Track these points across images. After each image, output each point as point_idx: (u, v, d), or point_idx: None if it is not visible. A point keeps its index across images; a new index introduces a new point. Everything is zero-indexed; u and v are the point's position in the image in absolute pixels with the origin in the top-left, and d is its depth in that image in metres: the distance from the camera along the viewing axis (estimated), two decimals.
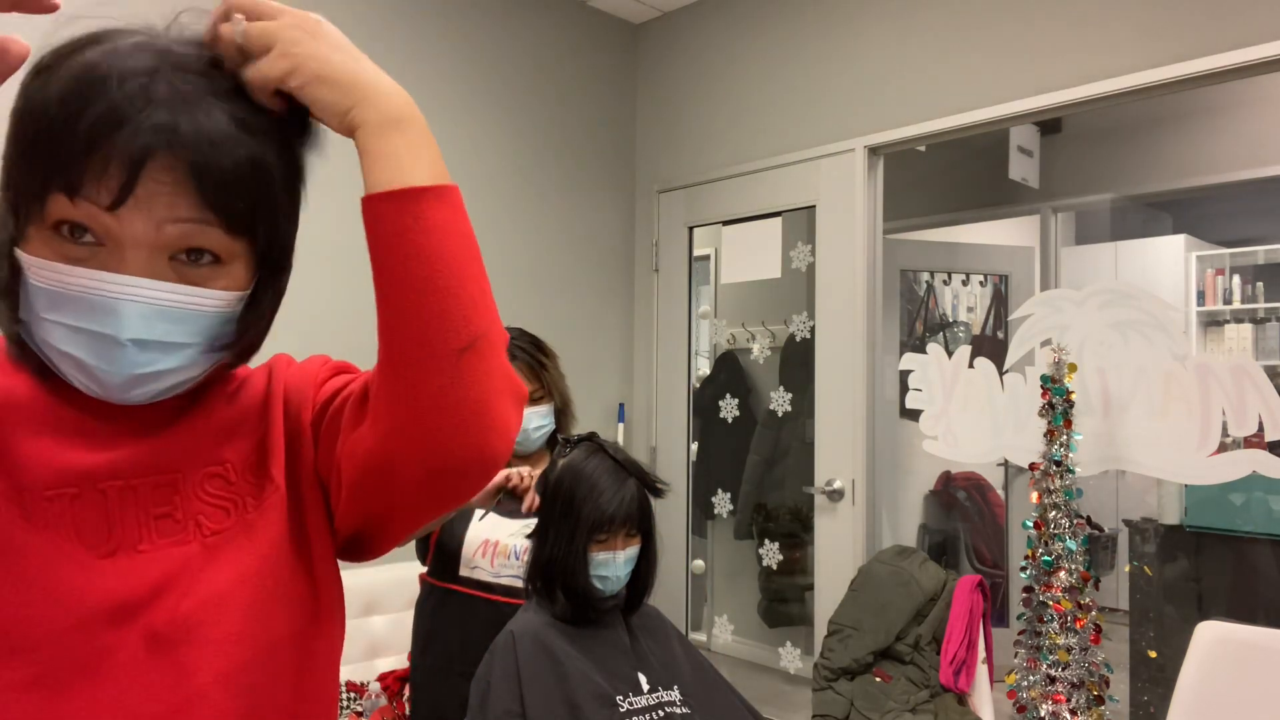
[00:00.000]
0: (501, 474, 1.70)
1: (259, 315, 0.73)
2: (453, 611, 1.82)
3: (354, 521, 0.75)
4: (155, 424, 0.72)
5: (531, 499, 1.69)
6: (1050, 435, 2.10)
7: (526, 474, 1.73)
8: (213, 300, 0.67)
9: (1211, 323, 5.51)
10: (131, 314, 0.64)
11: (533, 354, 1.91)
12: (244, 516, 0.73)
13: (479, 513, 1.86)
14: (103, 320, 0.63)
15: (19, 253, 0.64)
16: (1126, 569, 3.22)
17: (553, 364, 1.95)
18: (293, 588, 0.73)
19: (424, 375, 0.65)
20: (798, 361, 3.31)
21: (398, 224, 0.65)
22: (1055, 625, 2.03)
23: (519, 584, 1.74)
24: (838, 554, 3.06)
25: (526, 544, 1.71)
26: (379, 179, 0.66)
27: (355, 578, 1.68)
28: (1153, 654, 3.06)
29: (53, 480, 0.66)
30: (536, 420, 1.89)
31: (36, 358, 0.68)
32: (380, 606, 2.68)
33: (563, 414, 1.97)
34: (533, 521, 1.67)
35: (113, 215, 0.62)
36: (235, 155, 0.64)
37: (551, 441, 1.94)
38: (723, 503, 3.54)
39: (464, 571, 1.80)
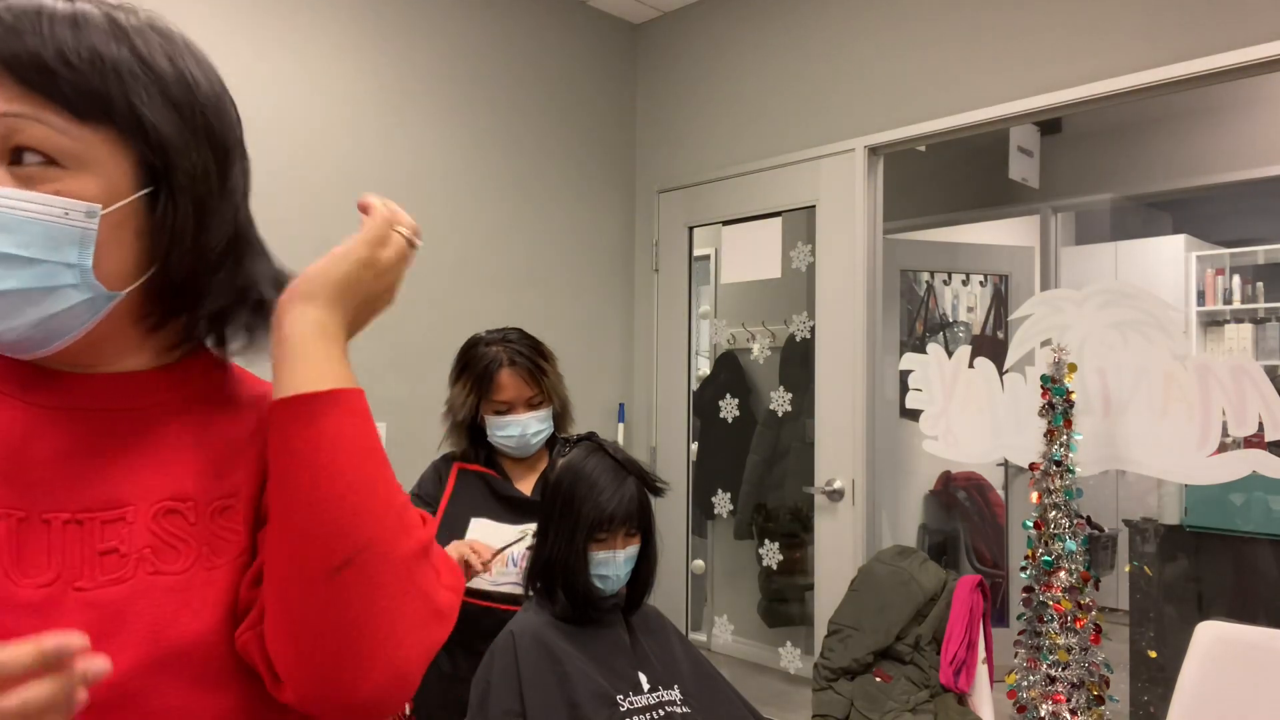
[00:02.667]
0: (459, 550, 1.69)
1: (164, 239, 0.65)
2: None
3: None
4: (116, 446, 0.66)
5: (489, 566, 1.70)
6: (1050, 435, 2.10)
7: (484, 551, 1.71)
8: (40, 206, 0.59)
9: (1211, 323, 5.51)
10: None
11: (532, 358, 1.90)
12: (198, 567, 0.66)
13: (475, 521, 1.85)
14: None
15: None
16: (1126, 569, 3.22)
17: (552, 367, 1.95)
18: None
19: (298, 594, 0.60)
20: (798, 361, 3.30)
21: (289, 430, 0.63)
22: (1055, 625, 2.03)
23: (518, 590, 1.73)
24: (838, 554, 3.06)
25: (525, 551, 1.71)
26: (286, 382, 0.64)
27: None
28: (1153, 654, 3.06)
29: (1, 499, 0.62)
30: (536, 425, 1.89)
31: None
32: None
33: (561, 416, 1.97)
34: (530, 527, 1.68)
35: None
36: (62, 36, 0.58)
37: (551, 443, 1.94)
38: (723, 503, 3.54)
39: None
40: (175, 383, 0.71)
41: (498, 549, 1.74)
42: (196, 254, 0.67)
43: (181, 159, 0.64)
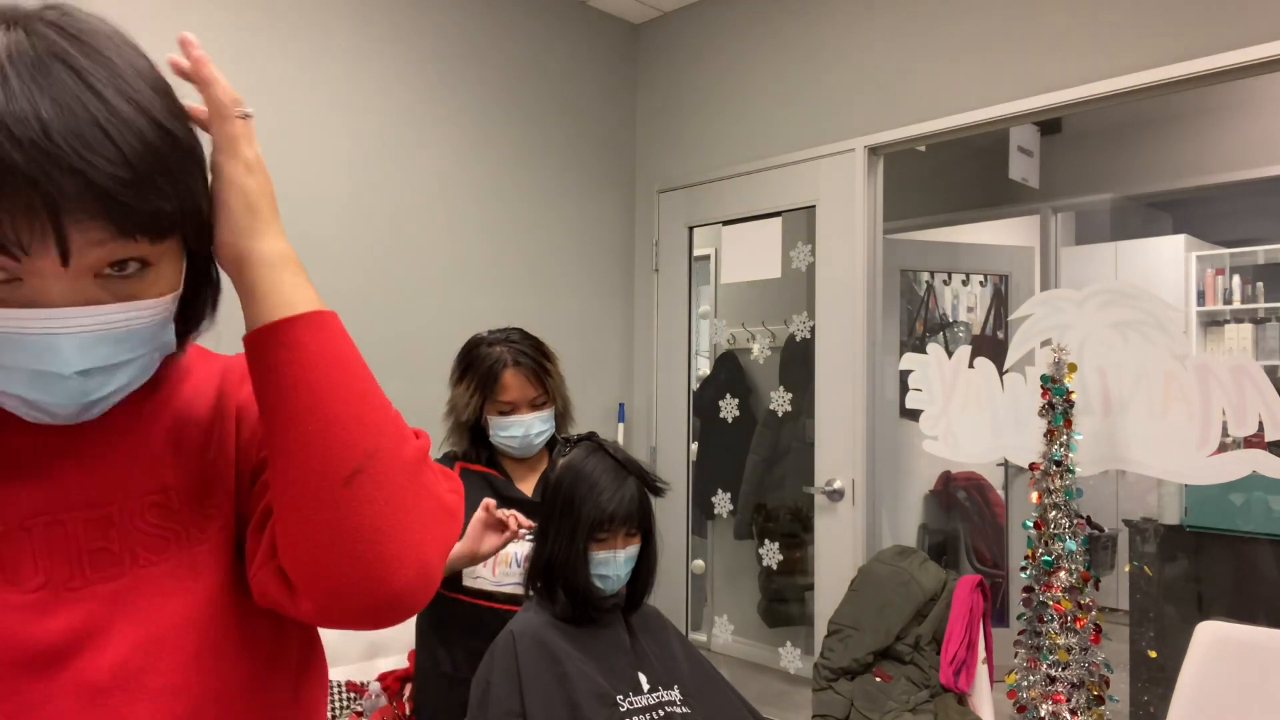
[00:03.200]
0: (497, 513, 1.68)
1: (200, 305, 0.70)
2: (456, 621, 1.81)
3: None
4: (89, 445, 0.67)
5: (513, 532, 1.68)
6: (1050, 435, 2.10)
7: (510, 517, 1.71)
8: (150, 311, 0.63)
9: (1211, 323, 5.51)
10: (69, 347, 0.59)
11: (536, 359, 1.90)
12: (187, 550, 0.68)
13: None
14: (40, 358, 0.58)
15: None
16: (1126, 569, 3.22)
17: (554, 367, 1.95)
18: (245, 630, 0.68)
19: (315, 509, 0.61)
20: (798, 361, 3.30)
21: (271, 359, 0.63)
22: (1055, 625, 2.03)
23: (520, 590, 1.73)
24: (838, 554, 3.06)
25: (526, 550, 1.70)
26: (256, 315, 0.64)
27: None
28: (1153, 654, 3.06)
29: None
30: (539, 425, 1.89)
31: None
32: None
33: (563, 417, 1.97)
34: (528, 524, 1.67)
35: (34, 247, 0.56)
36: (142, 167, 0.58)
37: (551, 443, 1.94)
38: (723, 503, 3.54)
39: (466, 581, 1.80)
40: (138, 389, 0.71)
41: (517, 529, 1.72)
42: (208, 282, 0.72)
43: (202, 214, 0.67)
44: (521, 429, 1.88)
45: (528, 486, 1.93)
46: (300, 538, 0.62)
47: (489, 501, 1.68)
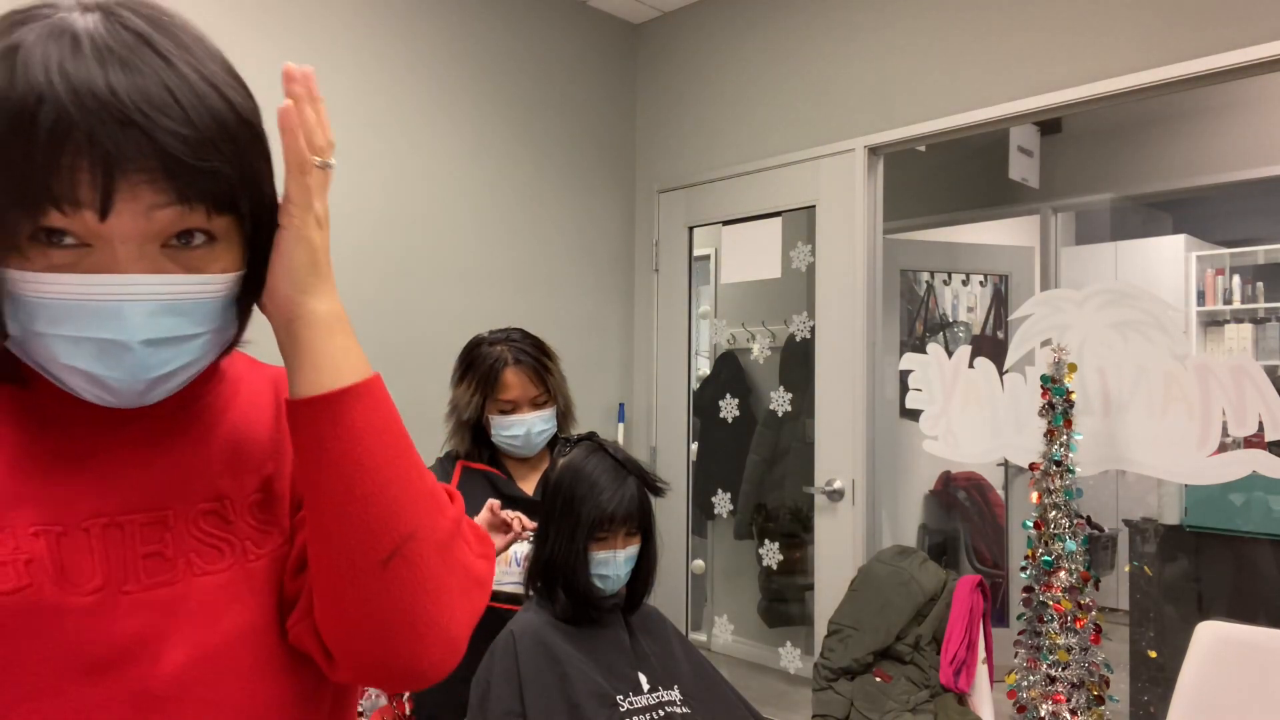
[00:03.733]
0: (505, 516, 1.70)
1: (255, 272, 0.68)
2: None
3: None
4: (147, 447, 0.67)
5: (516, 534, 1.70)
6: (1050, 435, 2.10)
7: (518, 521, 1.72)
8: (215, 285, 0.63)
9: (1211, 323, 5.51)
10: (137, 314, 0.58)
11: (538, 358, 1.91)
12: (244, 563, 0.68)
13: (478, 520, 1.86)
14: (107, 326, 0.58)
15: (8, 271, 0.58)
16: (1126, 569, 3.22)
17: (555, 366, 1.96)
18: (295, 648, 0.69)
19: (349, 587, 0.62)
20: (798, 361, 3.30)
21: (316, 431, 0.62)
22: (1055, 625, 2.03)
23: (520, 590, 1.74)
24: (838, 554, 3.06)
25: (526, 550, 1.70)
26: (305, 381, 0.63)
27: None
28: (1153, 654, 3.06)
29: (33, 516, 0.62)
30: (540, 424, 1.90)
31: (15, 373, 0.64)
32: None
33: (564, 416, 1.97)
34: (531, 526, 1.68)
35: (93, 208, 0.57)
36: (203, 131, 0.59)
37: (552, 443, 1.95)
38: (723, 503, 3.54)
39: None
40: (197, 382, 0.71)
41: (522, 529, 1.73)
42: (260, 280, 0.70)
43: (264, 199, 0.67)
44: (523, 428, 1.88)
45: (529, 486, 1.93)
46: (334, 613, 0.64)
47: (493, 503, 1.68)
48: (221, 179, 0.60)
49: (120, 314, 0.58)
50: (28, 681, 0.58)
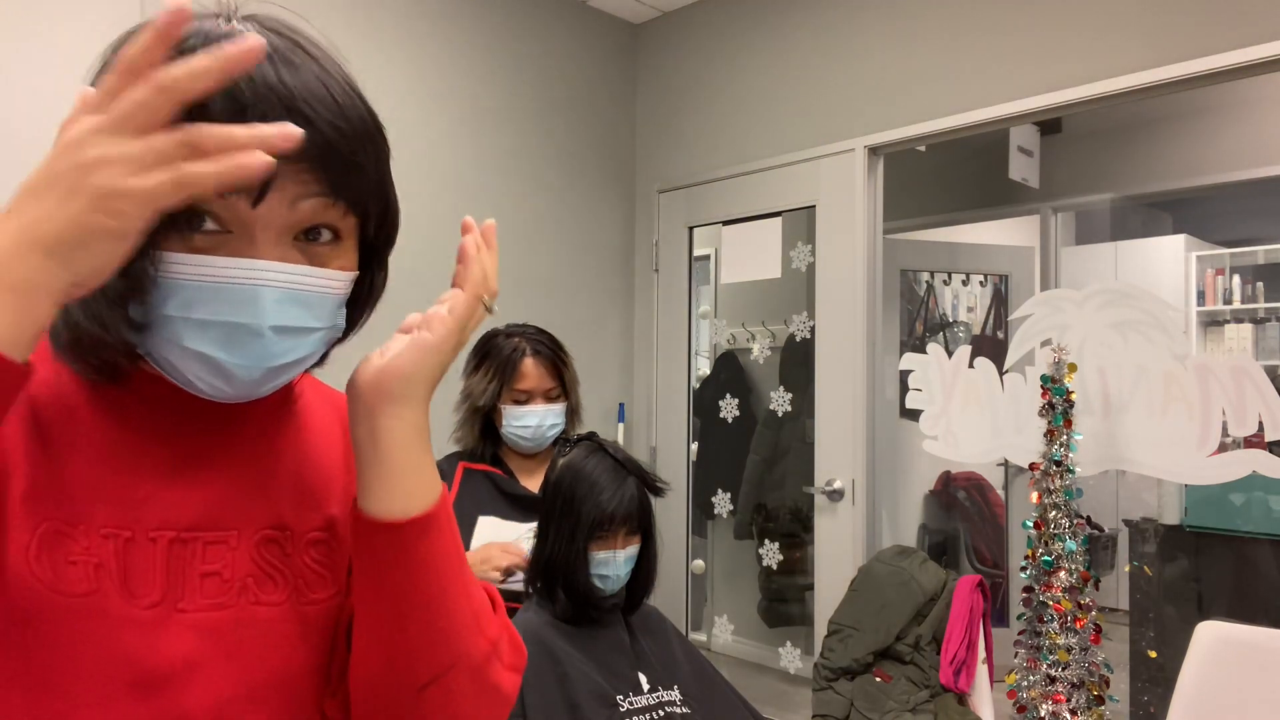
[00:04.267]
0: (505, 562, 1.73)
1: (366, 304, 0.71)
2: None
3: None
4: (221, 465, 0.66)
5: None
6: (1050, 435, 2.10)
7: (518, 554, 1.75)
8: (336, 282, 0.64)
9: (1211, 323, 5.51)
10: (270, 300, 0.59)
11: (555, 353, 1.94)
12: (299, 604, 0.67)
13: (482, 519, 1.86)
14: (241, 310, 0.59)
15: (161, 252, 0.58)
16: (1126, 569, 3.22)
17: (570, 365, 1.97)
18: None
19: (382, 701, 0.64)
20: (798, 361, 3.30)
21: (377, 556, 0.63)
22: (1055, 625, 2.03)
23: (521, 588, 1.74)
24: (838, 554, 3.06)
25: (528, 550, 1.71)
26: (375, 499, 0.63)
27: None
28: (1153, 654, 3.06)
29: (107, 516, 0.61)
30: (552, 418, 1.92)
31: (114, 372, 0.63)
32: None
33: (573, 415, 1.99)
34: (534, 526, 1.68)
35: (249, 200, 0.59)
36: (352, 123, 0.62)
37: (555, 442, 1.95)
38: (723, 503, 3.54)
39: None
40: (273, 403, 0.71)
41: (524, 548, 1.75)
42: (371, 287, 0.73)
43: (387, 207, 0.70)
44: (535, 419, 1.90)
45: (533, 484, 1.93)
46: (363, 716, 0.65)
47: (502, 566, 1.71)
48: (366, 176, 0.64)
49: (256, 299, 0.59)
50: (80, 691, 0.58)
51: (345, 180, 0.62)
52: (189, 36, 0.59)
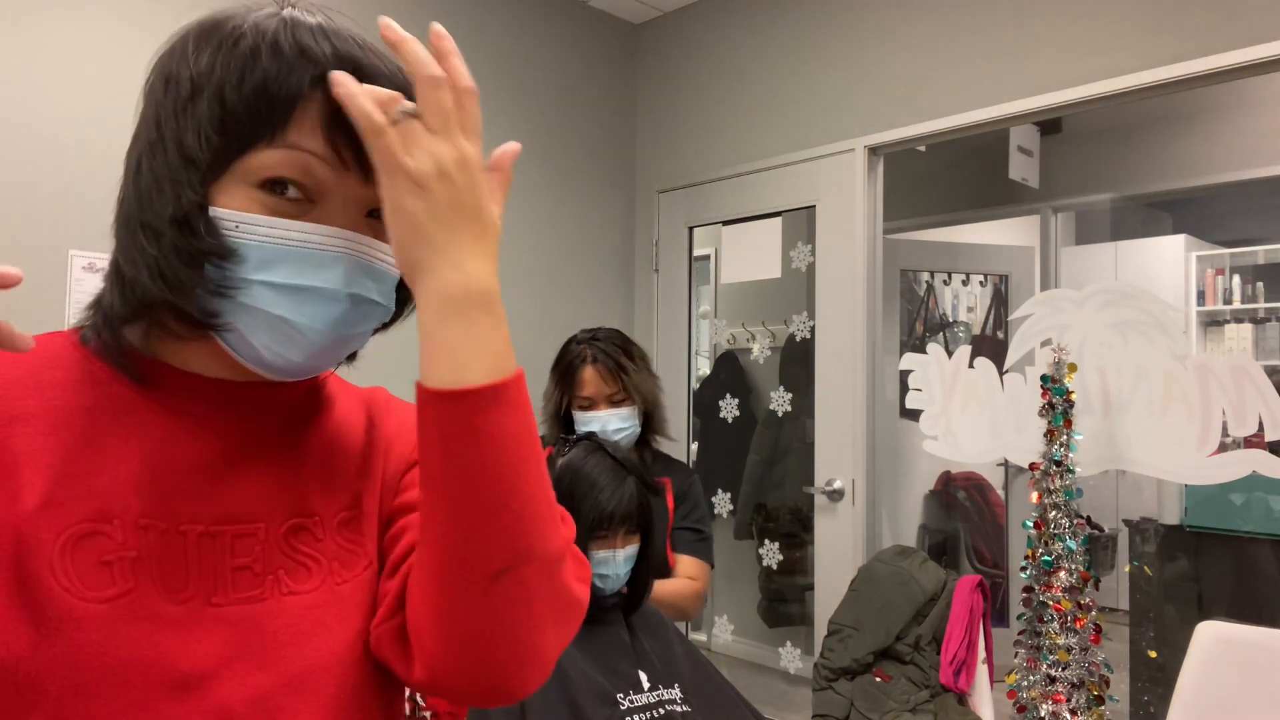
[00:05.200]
0: None
1: (407, 291, 0.68)
2: None
3: None
4: (250, 455, 0.66)
5: None
6: (1050, 435, 2.10)
7: None
8: (392, 260, 0.64)
9: (1211, 323, 5.51)
10: (350, 267, 0.62)
11: (615, 357, 1.99)
12: (332, 586, 0.66)
13: None
14: (322, 275, 0.61)
15: (222, 211, 0.60)
16: (1126, 569, 3.22)
17: (637, 367, 2.02)
18: (378, 677, 0.68)
19: (455, 596, 0.60)
20: (798, 361, 3.30)
21: (445, 429, 0.58)
22: (1055, 625, 2.03)
23: None
24: (838, 554, 3.06)
25: None
26: (425, 370, 0.59)
27: None
28: (1153, 654, 3.06)
29: (144, 509, 0.61)
30: (617, 422, 1.98)
31: (137, 371, 0.64)
32: None
33: (651, 416, 2.04)
34: None
35: (335, 172, 0.61)
36: None
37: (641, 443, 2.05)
38: (723, 503, 3.54)
39: None
40: (300, 394, 0.71)
41: None
42: (407, 292, 0.71)
43: None
44: (598, 424, 1.97)
45: None
46: (432, 620, 0.61)
47: None
48: None
49: (338, 264, 0.61)
50: (124, 697, 0.57)
51: None
52: (237, 27, 0.62)
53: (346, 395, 0.77)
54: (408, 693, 2.26)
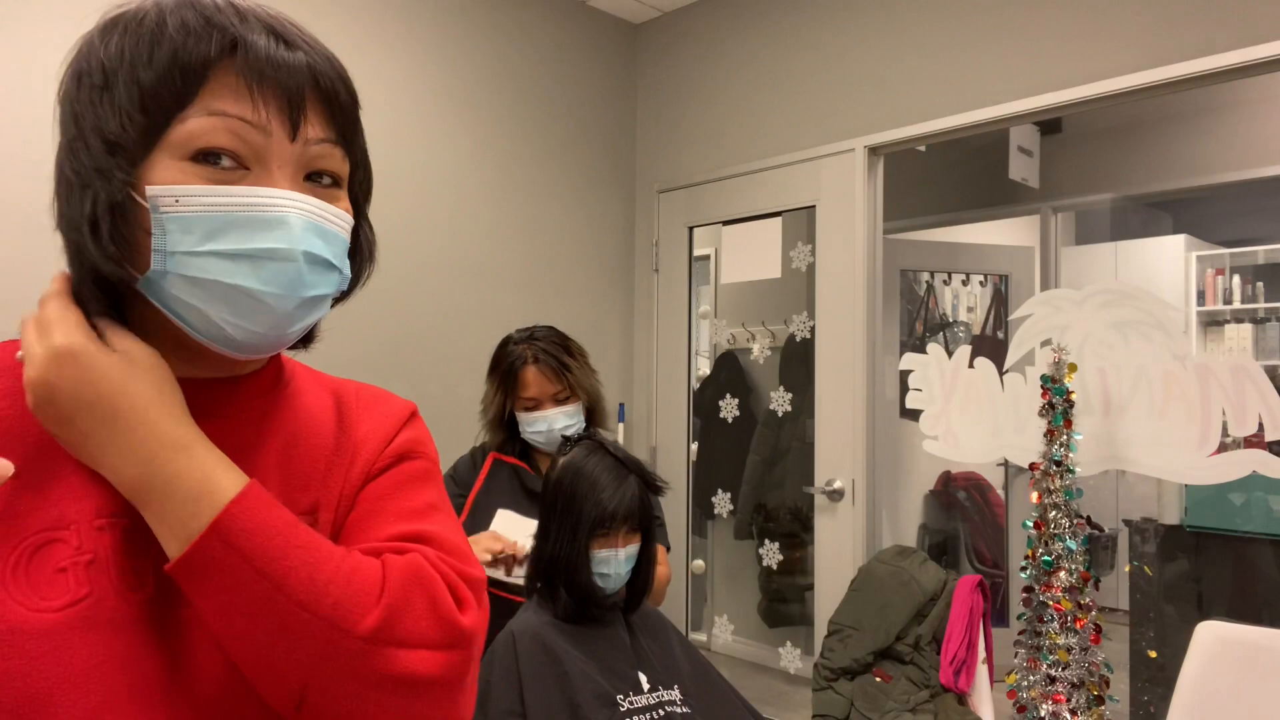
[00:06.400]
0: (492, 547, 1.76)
1: (361, 258, 0.71)
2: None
3: None
4: (219, 443, 0.65)
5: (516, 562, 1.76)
6: (1050, 435, 2.10)
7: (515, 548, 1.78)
8: (344, 221, 0.66)
9: (1211, 323, 5.51)
10: (299, 225, 0.62)
11: (556, 355, 1.96)
12: None
13: (501, 512, 1.88)
14: (272, 235, 0.61)
15: (153, 189, 0.59)
16: (1126, 569, 3.22)
17: (579, 363, 2.00)
18: None
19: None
20: (798, 361, 3.30)
21: (191, 598, 0.59)
22: (1055, 625, 2.03)
23: (521, 583, 1.75)
24: (838, 554, 3.06)
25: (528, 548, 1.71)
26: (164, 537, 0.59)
27: None
28: (1153, 654, 3.06)
29: (101, 508, 0.61)
30: (564, 420, 1.94)
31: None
32: None
33: (593, 411, 2.01)
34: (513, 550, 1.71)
35: (264, 135, 0.61)
36: (346, 81, 0.67)
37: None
38: (723, 503, 3.54)
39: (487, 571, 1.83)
40: (263, 388, 0.71)
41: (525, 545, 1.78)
42: (362, 266, 0.73)
43: (363, 161, 0.72)
44: (545, 424, 1.93)
45: None
46: None
47: (494, 547, 1.74)
48: (360, 131, 0.69)
49: (285, 222, 0.61)
50: (85, 703, 0.57)
51: (349, 130, 0.67)
52: (186, 13, 0.62)
53: (316, 388, 0.75)
54: None
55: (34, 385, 0.59)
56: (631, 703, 1.45)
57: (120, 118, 0.60)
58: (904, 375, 2.58)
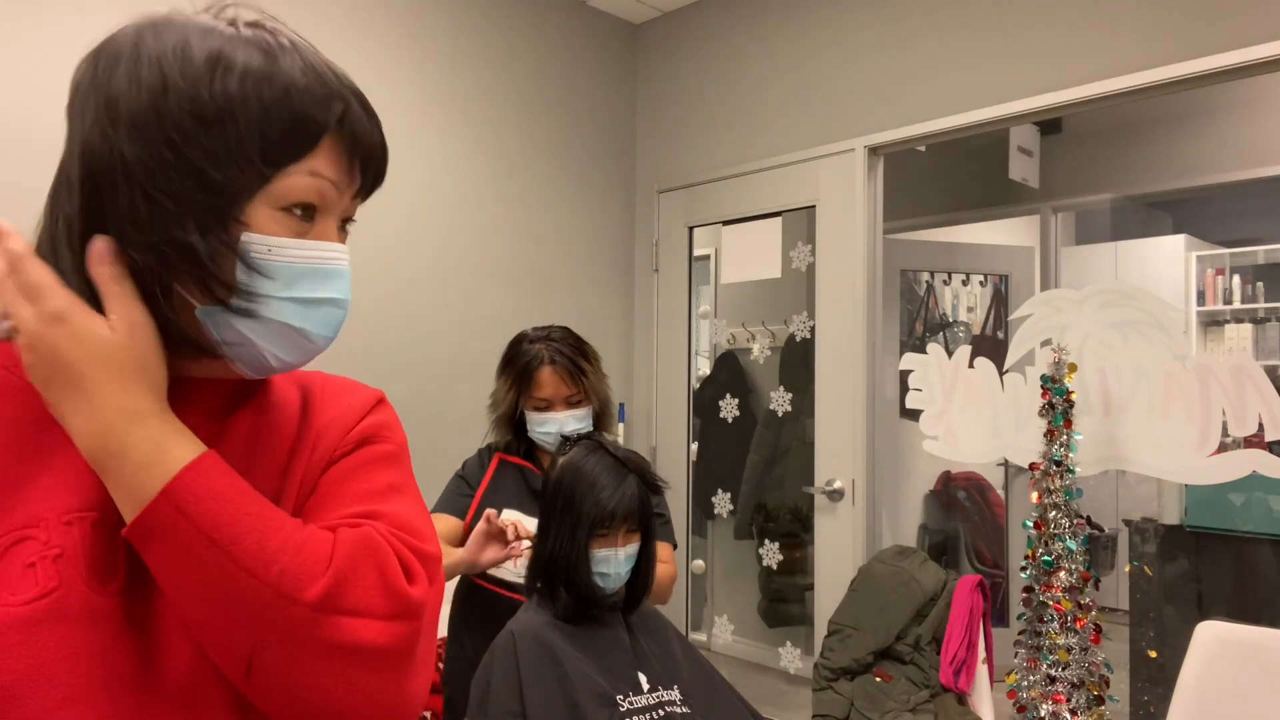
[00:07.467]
0: (489, 524, 1.73)
1: None
2: (478, 607, 1.86)
3: None
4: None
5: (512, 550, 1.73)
6: (1050, 435, 2.10)
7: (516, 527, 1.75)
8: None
9: (1211, 323, 5.51)
10: (348, 276, 0.69)
11: (572, 358, 1.95)
12: None
13: (506, 512, 1.88)
14: (334, 286, 0.67)
15: (250, 236, 0.63)
16: (1126, 569, 3.22)
17: (593, 367, 1.99)
18: None
19: (244, 694, 0.62)
20: (798, 361, 3.30)
21: (148, 565, 0.60)
22: (1055, 625, 2.03)
23: (520, 579, 1.75)
24: (838, 554, 3.06)
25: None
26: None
27: None
28: (1153, 654, 3.06)
29: (69, 501, 0.62)
30: (574, 423, 1.93)
31: None
32: None
33: (601, 416, 2.00)
34: (526, 533, 1.69)
35: (339, 194, 0.68)
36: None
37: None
38: (723, 503, 3.54)
39: (490, 569, 1.83)
40: (228, 385, 0.71)
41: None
42: None
43: None
44: (555, 426, 1.92)
45: None
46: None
47: (490, 512, 1.71)
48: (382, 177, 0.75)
49: (341, 276, 0.68)
50: (55, 694, 0.57)
51: (378, 182, 0.74)
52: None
53: (285, 381, 0.77)
54: None
55: (29, 347, 0.61)
56: (631, 703, 1.45)
57: (236, 161, 0.63)
58: (904, 375, 2.58)
